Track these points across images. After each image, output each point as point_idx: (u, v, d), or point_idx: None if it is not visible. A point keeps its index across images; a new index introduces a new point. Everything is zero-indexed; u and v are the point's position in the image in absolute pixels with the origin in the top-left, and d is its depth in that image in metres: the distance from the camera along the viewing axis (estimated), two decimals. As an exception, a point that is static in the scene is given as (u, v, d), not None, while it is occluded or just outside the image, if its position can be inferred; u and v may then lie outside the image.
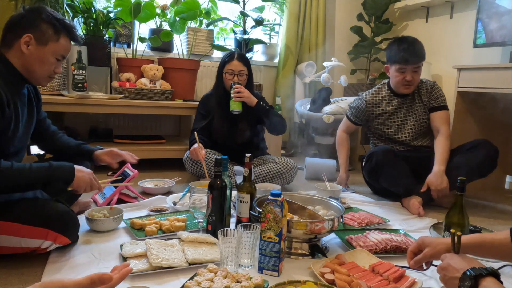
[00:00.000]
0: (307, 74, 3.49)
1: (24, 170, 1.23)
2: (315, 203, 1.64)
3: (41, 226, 1.22)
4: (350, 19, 3.79)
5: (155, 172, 2.63)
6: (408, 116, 2.28)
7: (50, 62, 1.38)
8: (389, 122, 2.32)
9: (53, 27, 1.37)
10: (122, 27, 2.93)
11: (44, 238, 1.23)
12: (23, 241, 1.22)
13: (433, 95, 2.24)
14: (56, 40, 1.38)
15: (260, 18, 3.10)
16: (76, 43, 1.48)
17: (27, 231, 1.21)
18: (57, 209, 1.28)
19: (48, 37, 1.36)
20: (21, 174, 1.23)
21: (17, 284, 1.14)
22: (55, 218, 1.26)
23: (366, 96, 2.37)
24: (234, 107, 2.27)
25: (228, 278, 1.13)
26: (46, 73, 1.39)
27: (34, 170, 1.25)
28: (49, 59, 1.38)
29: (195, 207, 1.41)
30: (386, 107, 2.31)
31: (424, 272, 1.31)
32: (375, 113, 2.34)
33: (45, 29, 1.36)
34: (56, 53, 1.39)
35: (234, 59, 2.32)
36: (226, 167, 1.49)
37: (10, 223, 1.20)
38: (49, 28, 1.36)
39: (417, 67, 2.15)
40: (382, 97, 2.33)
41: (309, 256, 1.39)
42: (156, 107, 2.72)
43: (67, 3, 2.65)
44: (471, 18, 2.91)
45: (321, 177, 2.34)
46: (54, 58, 1.39)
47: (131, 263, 1.22)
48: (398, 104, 2.29)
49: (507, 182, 2.84)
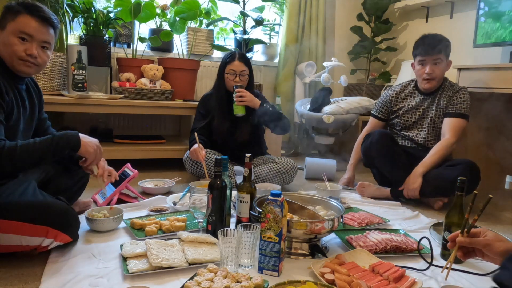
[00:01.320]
0: (307, 74, 3.49)
1: (29, 145, 1.25)
2: (315, 203, 1.64)
3: (41, 223, 1.22)
4: (350, 19, 3.79)
5: (155, 172, 2.63)
6: (425, 115, 2.29)
7: (12, 42, 1.35)
8: (405, 117, 2.35)
9: (11, 9, 1.37)
10: (122, 27, 2.93)
11: (45, 235, 1.23)
12: (24, 239, 1.22)
13: (454, 100, 2.20)
14: (12, 20, 1.36)
15: (260, 18, 3.10)
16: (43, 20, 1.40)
17: (27, 229, 1.21)
18: (57, 206, 1.28)
19: (6, 20, 1.36)
20: (28, 150, 1.25)
21: (17, 284, 1.14)
22: (55, 215, 1.26)
23: (390, 90, 2.44)
24: (238, 111, 2.26)
25: (228, 278, 1.13)
26: (14, 55, 1.36)
27: (38, 143, 1.27)
28: (10, 39, 1.35)
29: (195, 207, 1.41)
30: (408, 103, 2.34)
31: (424, 272, 1.31)
32: (396, 106, 2.38)
33: (4, 14, 1.37)
34: (15, 31, 1.35)
35: (236, 60, 2.31)
36: (226, 167, 1.49)
37: (10, 221, 1.20)
38: (7, 12, 1.37)
39: (437, 58, 2.15)
40: (406, 94, 2.37)
41: (309, 256, 1.39)
42: (156, 107, 2.72)
43: (67, 3, 2.65)
44: (471, 18, 2.91)
45: (321, 177, 2.34)
46: (16, 38, 1.35)
47: (131, 263, 1.23)
48: (419, 101, 2.31)
49: (507, 182, 2.83)
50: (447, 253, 1.40)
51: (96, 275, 1.19)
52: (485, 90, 2.36)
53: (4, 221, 1.20)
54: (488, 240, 1.00)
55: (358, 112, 3.18)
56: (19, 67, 1.38)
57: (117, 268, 1.24)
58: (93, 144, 1.41)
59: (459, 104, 2.19)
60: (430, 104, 2.28)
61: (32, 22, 1.38)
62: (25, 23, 1.36)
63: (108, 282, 1.16)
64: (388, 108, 2.42)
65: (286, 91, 3.60)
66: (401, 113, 2.37)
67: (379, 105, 2.47)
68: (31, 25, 1.37)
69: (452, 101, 2.21)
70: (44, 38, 1.40)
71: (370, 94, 3.58)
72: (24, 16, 1.36)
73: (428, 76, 2.17)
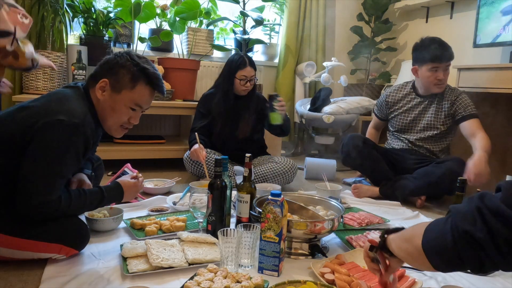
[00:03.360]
0: (307, 74, 3.49)
1: (80, 202, 1.27)
2: (315, 203, 1.64)
3: (56, 242, 1.22)
4: (350, 19, 3.79)
5: (155, 172, 2.63)
6: (421, 116, 2.32)
7: (122, 111, 1.31)
8: (401, 117, 2.39)
9: (131, 73, 1.29)
10: (122, 27, 2.93)
11: (57, 252, 1.23)
12: (36, 255, 1.22)
13: (460, 104, 2.20)
14: (131, 88, 1.29)
15: (260, 18, 3.10)
16: (160, 94, 1.38)
17: (42, 247, 1.21)
18: (72, 225, 1.27)
19: (123, 84, 1.29)
20: (79, 206, 1.28)
21: (17, 284, 1.14)
22: (70, 234, 1.26)
23: (387, 92, 2.48)
24: (277, 119, 2.27)
25: (228, 278, 1.13)
26: (117, 122, 1.33)
27: (89, 201, 1.29)
28: (121, 108, 1.31)
29: (195, 207, 1.41)
30: (404, 104, 2.37)
31: (424, 272, 1.31)
32: (393, 107, 2.42)
33: (122, 75, 1.29)
34: (130, 102, 1.30)
35: (247, 65, 2.34)
36: (226, 167, 1.49)
37: (27, 240, 1.19)
38: (126, 74, 1.29)
39: (449, 65, 2.20)
40: (403, 95, 2.40)
41: (309, 256, 1.39)
42: (156, 107, 2.71)
43: (67, 3, 2.65)
44: (471, 18, 2.91)
45: (321, 177, 2.34)
46: (128, 108, 1.31)
47: (131, 263, 1.23)
48: (416, 103, 2.34)
49: (507, 182, 2.83)
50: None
51: (96, 275, 1.19)
52: (485, 90, 2.36)
53: (20, 240, 1.18)
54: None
55: (358, 112, 3.18)
56: (115, 133, 1.37)
57: (117, 268, 1.24)
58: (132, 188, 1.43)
59: (468, 106, 2.19)
60: (428, 106, 2.30)
61: (148, 94, 1.33)
62: (143, 97, 1.32)
63: (108, 282, 1.16)
64: (384, 109, 2.47)
65: (286, 91, 3.60)
66: (396, 114, 2.41)
67: (378, 104, 2.53)
68: (146, 97, 1.33)
69: (458, 105, 2.21)
70: (149, 105, 1.38)
71: (370, 94, 3.58)
72: (143, 87, 1.31)
73: (440, 82, 2.20)
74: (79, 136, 1.21)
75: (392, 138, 2.47)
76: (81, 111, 1.23)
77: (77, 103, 1.26)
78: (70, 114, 1.19)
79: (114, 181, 1.43)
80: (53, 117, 1.17)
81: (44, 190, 1.16)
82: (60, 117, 1.17)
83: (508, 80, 2.20)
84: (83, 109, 1.25)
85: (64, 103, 1.22)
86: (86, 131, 1.23)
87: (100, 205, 1.35)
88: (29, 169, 1.16)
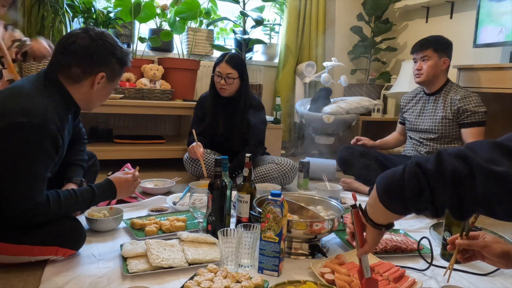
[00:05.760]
0: (307, 74, 3.49)
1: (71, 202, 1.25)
2: (315, 203, 1.64)
3: (51, 244, 1.22)
4: (350, 19, 3.79)
5: (155, 172, 2.63)
6: (422, 113, 2.36)
7: (110, 93, 1.37)
8: (408, 114, 2.45)
9: (120, 61, 1.31)
10: (122, 27, 2.93)
11: (54, 254, 1.23)
12: (34, 258, 1.22)
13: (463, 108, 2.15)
14: (120, 74, 1.35)
15: (260, 18, 3.10)
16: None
17: (38, 250, 1.21)
18: (67, 226, 1.27)
19: (117, 73, 1.33)
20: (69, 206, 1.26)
21: (17, 284, 1.14)
22: (64, 235, 1.25)
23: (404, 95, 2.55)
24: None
25: (228, 278, 1.13)
26: (99, 103, 1.38)
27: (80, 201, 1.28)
28: (110, 91, 1.36)
29: (195, 207, 1.41)
30: (414, 104, 2.43)
31: (424, 272, 1.31)
32: (405, 107, 2.49)
33: (114, 64, 1.30)
34: (115, 86, 1.37)
35: (223, 61, 2.25)
36: (226, 167, 1.49)
37: (22, 246, 1.19)
38: (117, 62, 1.31)
39: (424, 56, 2.21)
40: (414, 95, 2.46)
41: (309, 256, 1.39)
42: (156, 107, 2.72)
43: (67, 3, 2.65)
44: (471, 18, 2.91)
45: (321, 177, 2.34)
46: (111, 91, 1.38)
47: (131, 263, 1.23)
48: (423, 103, 2.38)
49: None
50: (447, 253, 1.40)
51: (96, 275, 1.19)
52: (485, 90, 2.36)
53: (16, 246, 1.18)
54: (486, 242, 1.01)
55: (358, 112, 3.18)
56: (92, 110, 1.38)
57: (117, 268, 1.24)
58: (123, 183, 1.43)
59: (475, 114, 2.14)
60: (429, 103, 2.31)
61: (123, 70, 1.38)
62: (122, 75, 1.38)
63: (108, 282, 1.16)
64: (401, 111, 2.55)
65: (286, 91, 3.60)
66: (404, 112, 2.49)
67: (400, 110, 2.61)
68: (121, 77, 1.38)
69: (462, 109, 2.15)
70: None
71: (370, 94, 3.58)
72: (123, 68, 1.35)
73: (417, 72, 2.26)
74: (43, 137, 1.14)
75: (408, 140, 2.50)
76: (40, 108, 1.14)
77: (35, 98, 1.15)
78: (28, 114, 1.10)
79: (105, 179, 1.42)
80: (12, 119, 1.09)
81: (25, 197, 1.13)
82: (19, 119, 1.09)
83: (508, 80, 2.20)
84: (42, 104, 1.15)
85: (20, 101, 1.12)
86: (50, 128, 1.14)
87: (92, 204, 1.34)
88: (4, 179, 1.12)
